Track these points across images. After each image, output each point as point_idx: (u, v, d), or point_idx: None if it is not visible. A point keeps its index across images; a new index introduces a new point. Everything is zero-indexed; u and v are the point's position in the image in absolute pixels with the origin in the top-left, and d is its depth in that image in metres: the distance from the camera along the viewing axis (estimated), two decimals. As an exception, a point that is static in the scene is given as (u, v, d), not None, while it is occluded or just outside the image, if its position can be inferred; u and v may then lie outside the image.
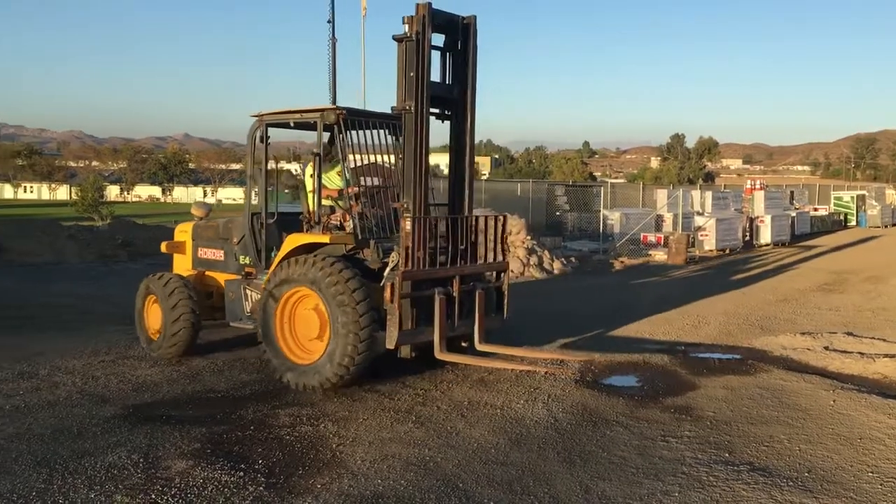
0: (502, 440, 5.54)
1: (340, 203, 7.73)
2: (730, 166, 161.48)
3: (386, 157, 8.07)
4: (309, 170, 7.82)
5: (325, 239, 7.32)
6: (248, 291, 7.92)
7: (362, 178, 7.71)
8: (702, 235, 22.75)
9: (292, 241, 7.40)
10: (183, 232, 9.13)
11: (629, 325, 10.43)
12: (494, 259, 7.64)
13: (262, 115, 7.89)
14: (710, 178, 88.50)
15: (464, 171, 7.55)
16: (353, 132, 7.66)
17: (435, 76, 7.20)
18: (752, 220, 25.35)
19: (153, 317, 8.28)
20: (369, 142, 7.80)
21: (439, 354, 7.00)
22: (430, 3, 6.86)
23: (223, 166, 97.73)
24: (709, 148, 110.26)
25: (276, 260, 7.41)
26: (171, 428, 5.62)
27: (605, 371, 7.73)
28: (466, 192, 7.50)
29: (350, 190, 7.47)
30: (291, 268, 6.99)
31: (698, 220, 23.52)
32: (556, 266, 18.14)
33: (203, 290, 8.50)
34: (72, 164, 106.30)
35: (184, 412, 6.07)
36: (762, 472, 4.97)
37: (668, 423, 5.99)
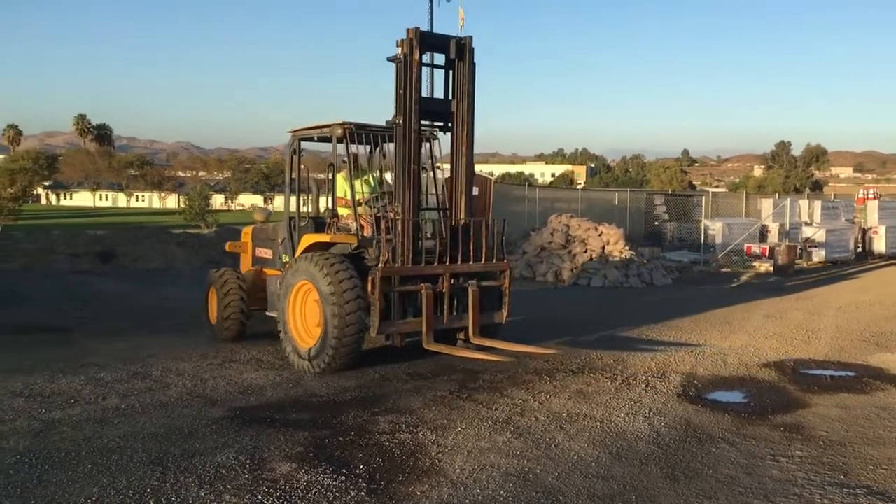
0: (603, 454, 5.44)
1: (348, 209, 8.46)
2: (839, 175, 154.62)
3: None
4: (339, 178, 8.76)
5: (329, 238, 8.16)
6: None
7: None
8: (810, 247, 21.84)
9: (306, 240, 8.35)
10: (246, 234, 10.29)
11: (736, 338, 10.09)
12: (492, 260, 8.22)
13: (295, 130, 8.91)
14: (817, 187, 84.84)
15: (461, 178, 8.12)
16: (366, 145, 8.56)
17: (439, 93, 8.03)
18: (864, 231, 24.21)
19: (213, 305, 9.64)
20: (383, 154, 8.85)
21: (426, 345, 7.70)
22: (418, 28, 7.63)
23: (322, 175, 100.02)
24: (817, 156, 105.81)
25: (296, 256, 8.30)
26: (275, 431, 5.76)
27: (709, 385, 7.51)
28: (464, 197, 8.06)
29: (344, 200, 8.41)
30: (299, 263, 7.90)
31: (806, 231, 22.62)
32: (656, 277, 17.76)
33: (259, 284, 9.54)
34: (180, 173, 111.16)
35: (287, 416, 6.21)
36: (880, 497, 4.70)
37: (778, 442, 5.75)
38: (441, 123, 8.23)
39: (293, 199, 8.89)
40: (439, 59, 8.03)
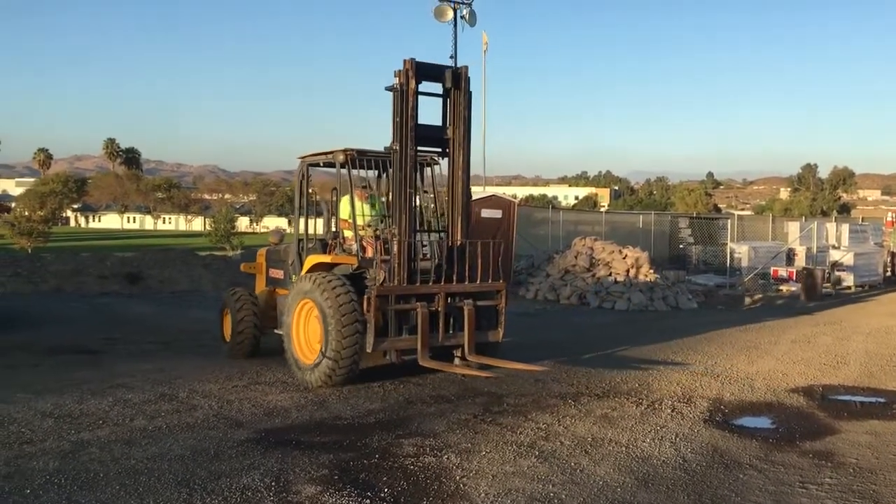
0: (629, 479, 5.40)
1: (350, 232, 8.79)
2: (867, 197, 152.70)
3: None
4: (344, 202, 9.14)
5: (330, 259, 8.58)
6: None
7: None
8: (838, 270, 21.58)
9: (310, 261, 8.76)
10: (260, 255, 10.67)
11: (763, 363, 9.98)
12: (489, 280, 8.51)
13: (304, 157, 9.37)
14: (845, 210, 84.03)
15: (458, 201, 8.45)
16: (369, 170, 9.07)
17: (437, 120, 8.41)
18: (893, 255, 23.89)
19: (227, 325, 10.03)
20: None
21: (421, 361, 7.94)
22: (414, 59, 8.01)
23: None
24: (844, 178, 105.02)
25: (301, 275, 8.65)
26: (300, 453, 5.78)
27: (736, 411, 7.44)
28: (460, 220, 8.40)
29: (348, 223, 8.75)
30: (302, 283, 8.30)
31: (834, 255, 22.35)
32: (681, 300, 17.64)
33: (272, 303, 9.87)
34: (206, 196, 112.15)
35: (312, 438, 6.23)
36: (914, 527, 4.62)
37: (807, 469, 5.68)
38: (439, 149, 8.58)
39: (302, 221, 9.33)
40: (438, 87, 8.39)
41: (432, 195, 9.26)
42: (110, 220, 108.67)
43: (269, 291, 10.01)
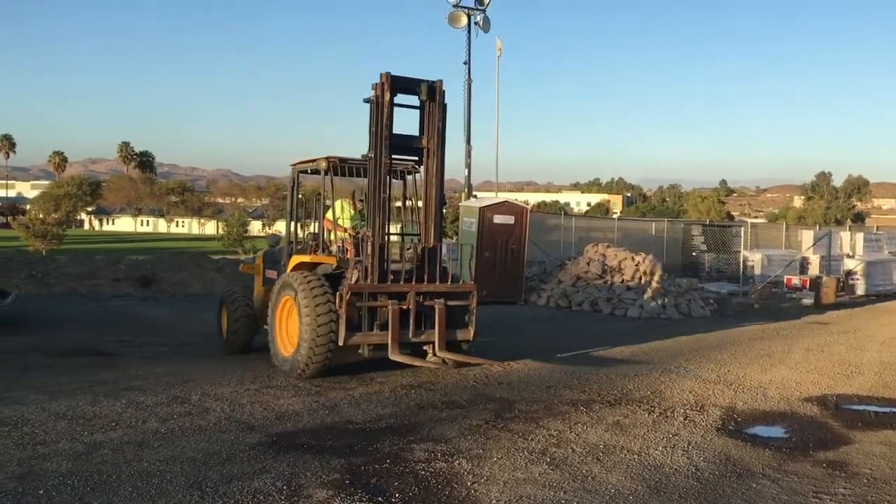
0: (641, 487, 5.37)
1: (335, 234, 9.56)
2: (882, 206, 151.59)
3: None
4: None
5: (310, 259, 9.18)
6: None
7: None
8: (852, 279, 21.45)
9: (293, 260, 9.37)
10: (259, 257, 11.37)
11: (776, 371, 9.92)
12: (460, 281, 9.15)
13: (295, 164, 9.96)
14: (859, 218, 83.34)
15: (432, 206, 8.92)
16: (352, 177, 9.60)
17: (415, 130, 8.88)
18: (908, 264, 23.67)
19: (224, 321, 10.86)
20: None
21: (392, 355, 8.45)
22: (389, 73, 8.49)
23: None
24: (858, 187, 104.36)
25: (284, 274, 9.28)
26: (311, 457, 5.79)
27: (749, 420, 7.40)
28: (433, 225, 8.89)
29: (328, 224, 9.51)
30: (283, 280, 8.99)
31: (848, 263, 22.22)
32: (694, 308, 17.57)
33: (267, 302, 9.88)
34: (219, 200, 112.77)
35: (323, 442, 6.24)
36: (929, 539, 4.58)
37: (820, 479, 5.64)
38: (415, 158, 9.08)
39: (292, 224, 9.98)
40: (416, 99, 8.86)
41: (413, 202, 9.74)
42: (124, 223, 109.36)
43: (266, 291, 10.34)
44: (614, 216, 61.25)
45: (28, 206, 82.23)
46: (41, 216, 63.23)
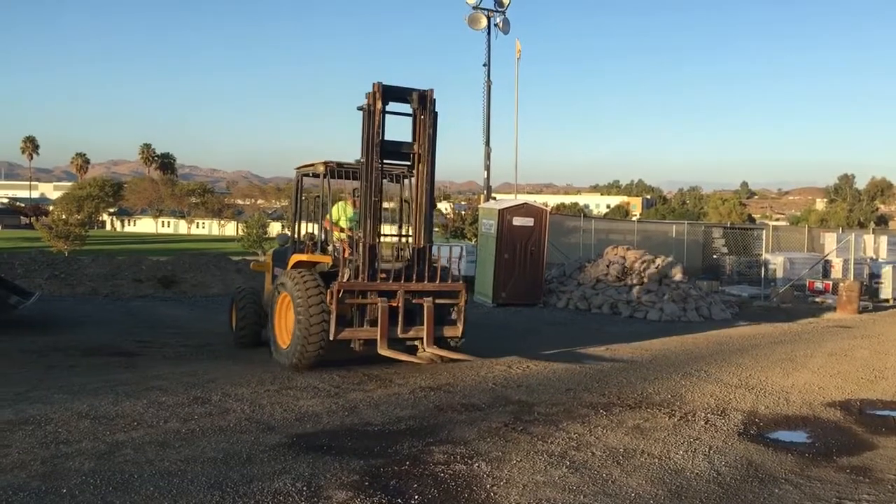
0: (661, 491, 5.34)
1: (337, 233, 10.12)
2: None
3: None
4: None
5: (306, 258, 9.71)
6: None
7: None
8: (876, 283, 21.20)
9: (292, 259, 9.96)
10: (268, 256, 11.92)
11: (799, 376, 9.83)
12: (450, 281, 9.37)
13: (298, 168, 10.62)
14: (883, 221, 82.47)
15: (422, 209, 9.29)
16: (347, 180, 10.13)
17: (408, 136, 9.29)
18: (933, 268, 23.34)
19: (234, 317, 11.44)
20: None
21: (380, 350, 8.86)
22: (381, 83, 8.91)
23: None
24: (882, 189, 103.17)
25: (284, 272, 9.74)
26: (331, 458, 5.80)
27: (771, 424, 7.33)
28: (424, 226, 9.28)
29: (326, 224, 10.17)
30: (281, 278, 9.46)
31: (872, 267, 21.95)
32: (715, 311, 17.44)
33: None
34: (239, 201, 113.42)
35: (343, 443, 6.25)
36: (956, 546, 4.51)
37: (844, 485, 5.58)
38: (407, 163, 9.46)
39: (297, 224, 10.56)
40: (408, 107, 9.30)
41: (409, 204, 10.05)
42: (145, 224, 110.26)
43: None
44: (634, 219, 60.89)
45: (51, 208, 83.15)
46: (64, 217, 63.92)
